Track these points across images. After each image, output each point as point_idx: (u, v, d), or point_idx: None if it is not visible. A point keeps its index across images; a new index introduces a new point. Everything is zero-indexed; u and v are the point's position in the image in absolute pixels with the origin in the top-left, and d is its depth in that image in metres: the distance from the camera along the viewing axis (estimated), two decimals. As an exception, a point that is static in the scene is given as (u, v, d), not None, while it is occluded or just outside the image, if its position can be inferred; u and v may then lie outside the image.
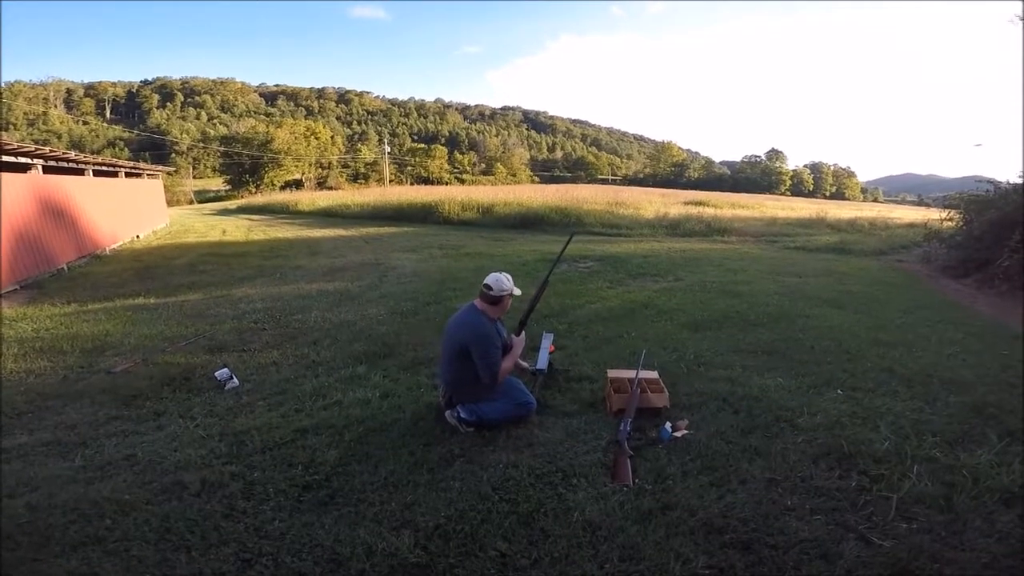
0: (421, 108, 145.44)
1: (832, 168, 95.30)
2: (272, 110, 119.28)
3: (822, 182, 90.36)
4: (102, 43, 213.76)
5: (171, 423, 3.31)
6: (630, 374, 3.31)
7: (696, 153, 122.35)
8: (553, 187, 35.42)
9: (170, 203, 34.17)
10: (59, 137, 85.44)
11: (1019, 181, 9.91)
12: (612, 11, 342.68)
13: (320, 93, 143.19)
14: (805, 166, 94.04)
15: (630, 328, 5.18)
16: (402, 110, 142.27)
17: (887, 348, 4.69)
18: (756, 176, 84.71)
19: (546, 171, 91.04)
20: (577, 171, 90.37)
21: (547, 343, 3.91)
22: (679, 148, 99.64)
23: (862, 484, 2.50)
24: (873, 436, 2.94)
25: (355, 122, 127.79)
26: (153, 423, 3.34)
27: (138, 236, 14.82)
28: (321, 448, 2.87)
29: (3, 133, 63.77)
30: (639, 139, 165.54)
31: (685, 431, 2.89)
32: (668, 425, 2.91)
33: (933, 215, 12.59)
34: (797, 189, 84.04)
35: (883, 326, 5.51)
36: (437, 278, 8.00)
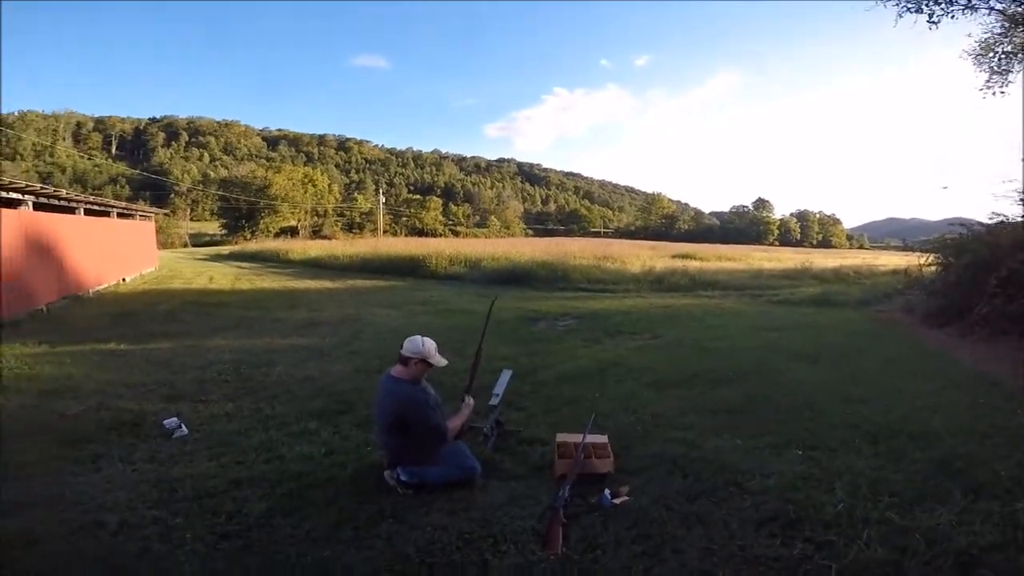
0: (418, 158, 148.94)
1: (818, 216, 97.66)
2: (273, 154, 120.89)
3: (809, 230, 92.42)
4: (114, 76, 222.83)
5: (109, 466, 3.32)
6: (579, 438, 3.26)
7: (686, 204, 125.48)
8: (543, 241, 36.02)
9: (164, 245, 34.48)
10: (63, 171, 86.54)
11: (990, 222, 9.80)
12: (601, 64, 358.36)
13: (321, 140, 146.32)
14: (792, 214, 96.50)
15: (595, 388, 5.13)
16: (400, 160, 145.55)
17: (856, 403, 4.65)
18: (744, 226, 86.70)
19: (539, 224, 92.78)
20: (570, 224, 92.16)
21: (505, 378, 3.85)
22: (669, 200, 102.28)
23: (805, 552, 2.41)
24: (826, 498, 2.86)
25: (353, 170, 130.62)
26: (91, 465, 3.35)
27: (124, 279, 14.77)
28: (251, 500, 2.84)
29: (8, 163, 64.74)
30: (630, 191, 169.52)
31: (625, 497, 2.81)
32: (607, 492, 2.84)
33: (915, 261, 12.47)
34: (785, 238, 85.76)
35: (856, 380, 5.48)
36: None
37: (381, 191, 63.81)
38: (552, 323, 9.24)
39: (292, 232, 49.78)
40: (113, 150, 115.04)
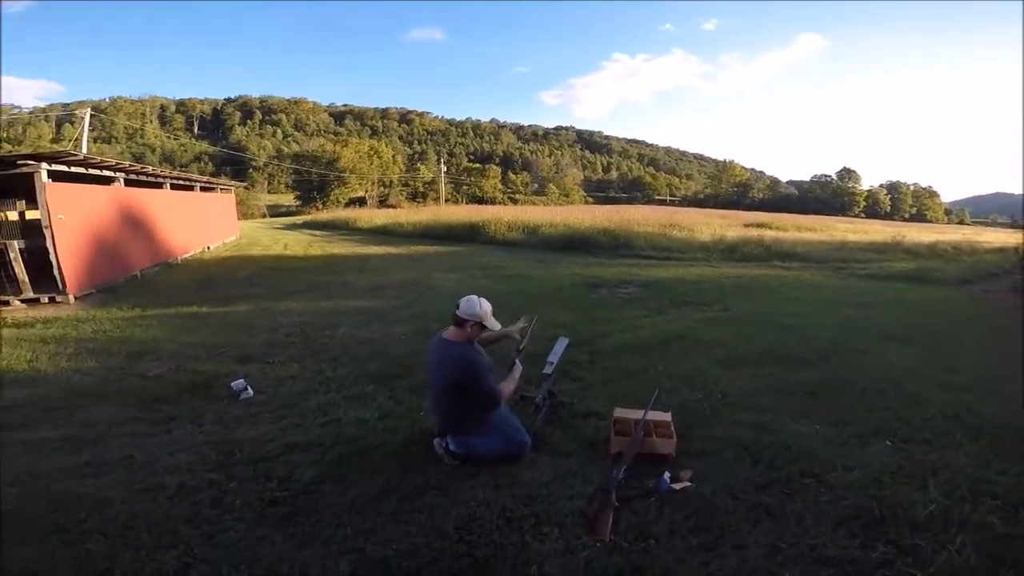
0: (477, 128, 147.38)
1: (911, 188, 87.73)
2: (340, 129, 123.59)
3: (900, 203, 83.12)
4: (192, 60, 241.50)
5: (180, 428, 3.46)
6: (639, 414, 3.03)
7: (761, 172, 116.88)
8: (604, 208, 34.80)
9: (245, 216, 36.68)
10: (153, 151, 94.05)
11: None
12: (663, 29, 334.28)
13: (384, 113, 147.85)
14: (881, 186, 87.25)
15: (658, 362, 4.86)
16: (459, 130, 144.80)
17: (957, 391, 4.16)
18: (827, 196, 79.58)
19: (600, 191, 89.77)
20: (633, 191, 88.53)
21: (561, 346, 3.69)
22: (742, 167, 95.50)
23: (886, 556, 2.14)
24: (917, 497, 2.55)
25: (416, 142, 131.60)
26: (164, 427, 3.50)
27: (208, 247, 15.84)
28: (303, 465, 2.87)
29: (105, 146, 71.91)
30: (699, 158, 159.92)
31: (687, 483, 2.60)
32: (667, 475, 2.63)
33: None
34: (872, 211, 77.72)
35: (955, 366, 4.91)
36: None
37: (442, 161, 64.47)
38: (613, 290, 8.93)
39: (360, 202, 51.59)
40: (195, 130, 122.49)
